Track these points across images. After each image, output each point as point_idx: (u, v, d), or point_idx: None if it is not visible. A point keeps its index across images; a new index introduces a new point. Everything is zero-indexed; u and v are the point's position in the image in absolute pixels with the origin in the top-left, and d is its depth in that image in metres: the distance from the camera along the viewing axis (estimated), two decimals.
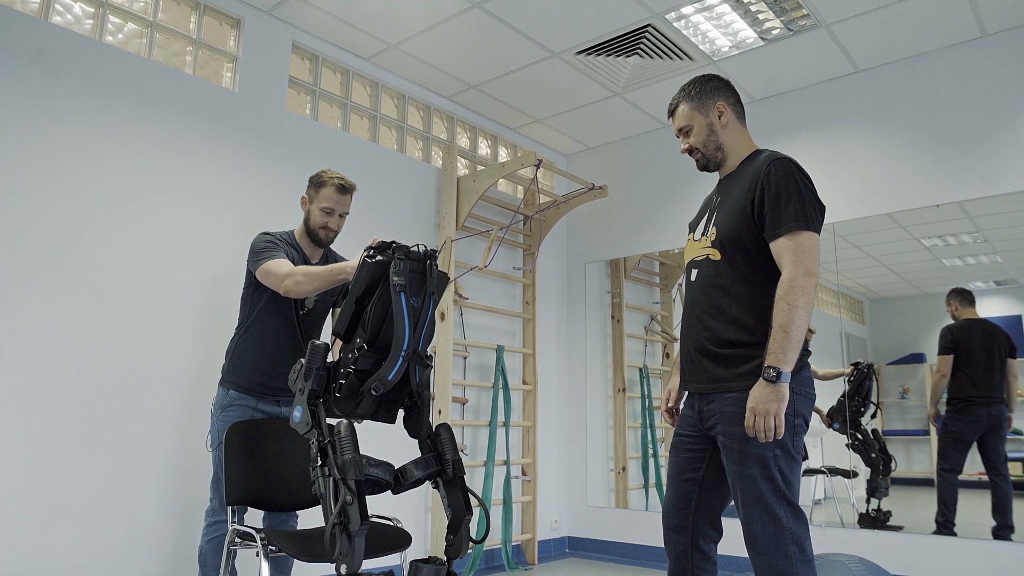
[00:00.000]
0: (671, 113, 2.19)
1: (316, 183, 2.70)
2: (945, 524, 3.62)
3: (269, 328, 2.62)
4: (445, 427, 2.06)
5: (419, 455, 2.04)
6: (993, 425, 3.66)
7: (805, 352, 1.90)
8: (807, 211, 1.88)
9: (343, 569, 1.74)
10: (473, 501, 2.05)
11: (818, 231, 1.90)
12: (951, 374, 3.78)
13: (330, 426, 1.86)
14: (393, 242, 1.94)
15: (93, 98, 2.96)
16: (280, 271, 2.48)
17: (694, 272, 2.09)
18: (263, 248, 2.57)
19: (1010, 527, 3.48)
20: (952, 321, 3.81)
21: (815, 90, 4.30)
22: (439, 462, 2.04)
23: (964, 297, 3.81)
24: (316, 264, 2.70)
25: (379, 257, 1.95)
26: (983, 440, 3.67)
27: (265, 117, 3.57)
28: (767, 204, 1.91)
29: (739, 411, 1.85)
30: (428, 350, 2.08)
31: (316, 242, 2.70)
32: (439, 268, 2.06)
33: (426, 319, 1.99)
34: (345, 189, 2.69)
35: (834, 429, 3.98)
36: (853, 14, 3.58)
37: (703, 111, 2.11)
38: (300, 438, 2.73)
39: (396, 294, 1.89)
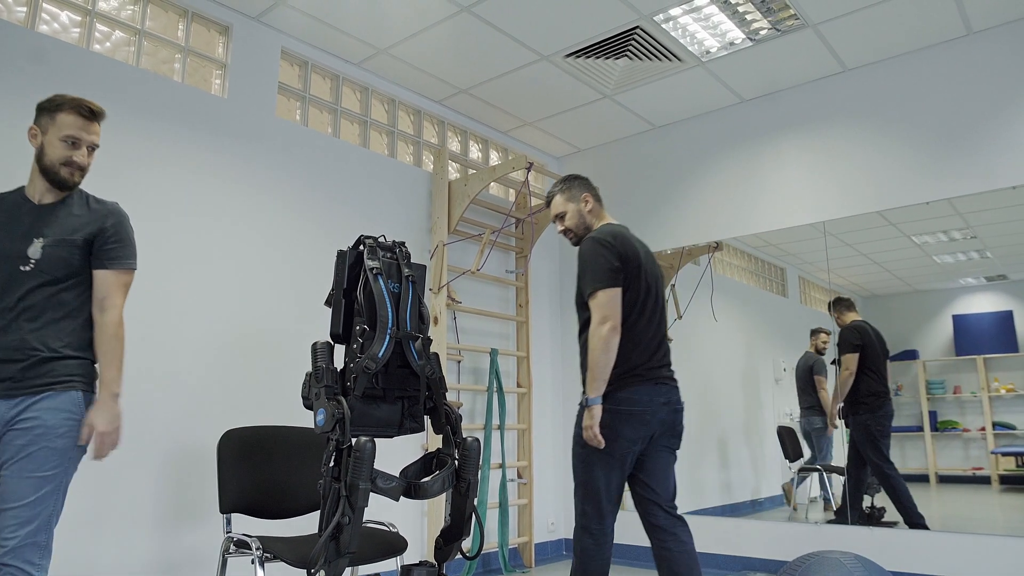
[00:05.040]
0: (548, 203, 2.78)
1: (49, 108, 2.04)
2: (916, 519, 3.63)
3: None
4: (475, 444, 2.11)
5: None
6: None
7: (633, 378, 2.42)
8: (597, 276, 2.42)
9: (321, 574, 1.79)
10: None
11: (614, 286, 2.41)
12: (857, 372, 3.90)
13: (352, 438, 1.87)
14: (361, 235, 2.12)
15: None
16: None
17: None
18: None
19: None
20: (839, 328, 3.99)
21: (804, 90, 4.32)
22: (456, 479, 2.08)
23: (844, 304, 4.02)
24: (52, 206, 2.06)
25: (353, 249, 2.12)
26: None
27: (255, 124, 3.56)
28: (578, 277, 2.53)
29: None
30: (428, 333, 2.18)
31: (57, 184, 2.05)
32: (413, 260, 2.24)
33: (408, 300, 2.11)
34: (94, 113, 2.06)
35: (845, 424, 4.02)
36: (839, 14, 3.60)
37: (574, 201, 2.71)
38: (290, 445, 2.73)
39: (374, 278, 2.06)
